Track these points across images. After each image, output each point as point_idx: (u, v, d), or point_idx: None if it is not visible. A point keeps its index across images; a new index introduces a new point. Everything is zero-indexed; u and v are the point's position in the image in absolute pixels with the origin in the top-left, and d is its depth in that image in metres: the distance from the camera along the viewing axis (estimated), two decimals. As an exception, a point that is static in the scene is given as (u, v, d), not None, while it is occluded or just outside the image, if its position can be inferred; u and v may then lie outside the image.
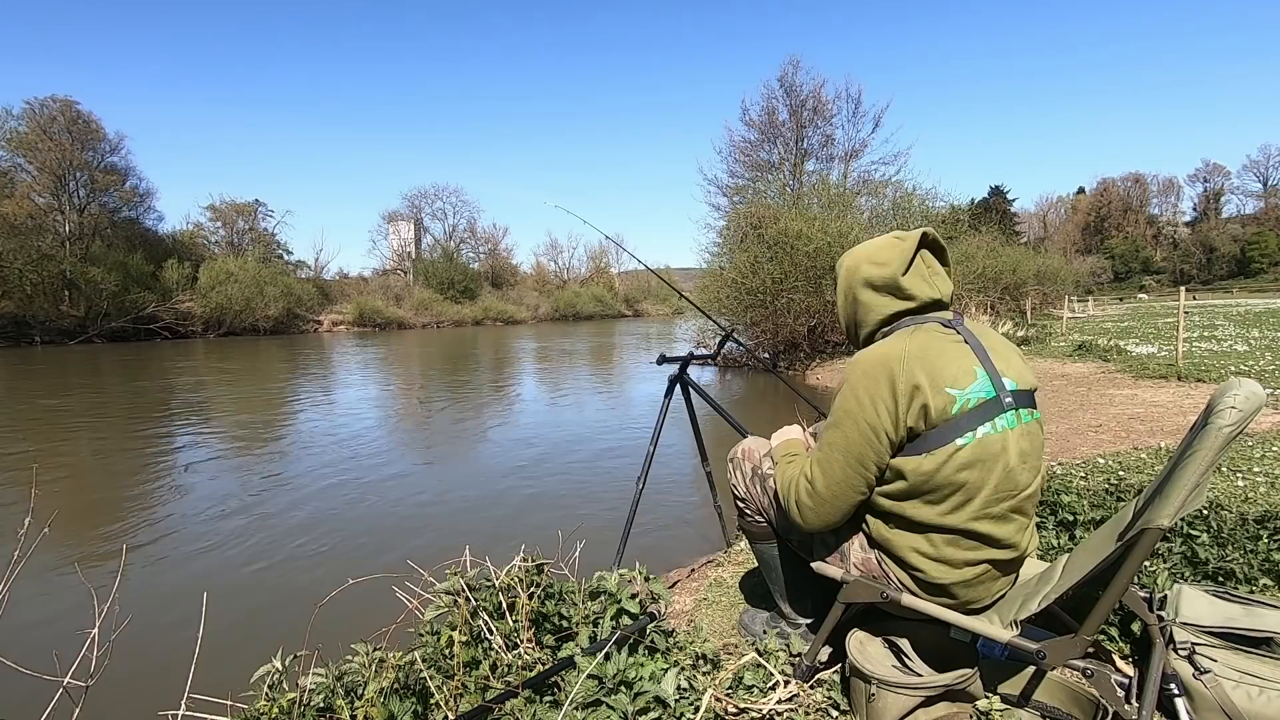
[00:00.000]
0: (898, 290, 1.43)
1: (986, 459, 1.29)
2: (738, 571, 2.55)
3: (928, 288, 1.43)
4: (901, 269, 1.42)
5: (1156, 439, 4.54)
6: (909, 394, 1.29)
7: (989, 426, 1.30)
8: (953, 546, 1.35)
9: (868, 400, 1.32)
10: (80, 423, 8.64)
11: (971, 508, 1.31)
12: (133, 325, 31.20)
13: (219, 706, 1.30)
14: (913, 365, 1.30)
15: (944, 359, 1.32)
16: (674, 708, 1.26)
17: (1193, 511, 1.85)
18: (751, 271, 13.57)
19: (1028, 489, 1.35)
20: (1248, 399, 1.07)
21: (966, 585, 1.38)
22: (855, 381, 1.35)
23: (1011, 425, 1.32)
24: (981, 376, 1.32)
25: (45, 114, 33.56)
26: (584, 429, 7.87)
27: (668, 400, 2.76)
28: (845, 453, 1.35)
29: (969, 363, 1.33)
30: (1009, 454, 1.31)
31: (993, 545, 1.35)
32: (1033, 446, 1.36)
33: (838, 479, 1.37)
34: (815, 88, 25.72)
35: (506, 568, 1.65)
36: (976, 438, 1.29)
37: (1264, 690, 1.32)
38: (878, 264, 1.45)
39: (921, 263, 1.45)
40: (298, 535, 4.32)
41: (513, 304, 53.81)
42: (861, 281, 1.47)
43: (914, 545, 1.38)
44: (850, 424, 1.34)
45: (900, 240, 1.46)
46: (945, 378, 1.30)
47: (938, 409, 1.28)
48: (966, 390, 1.30)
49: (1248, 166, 76.59)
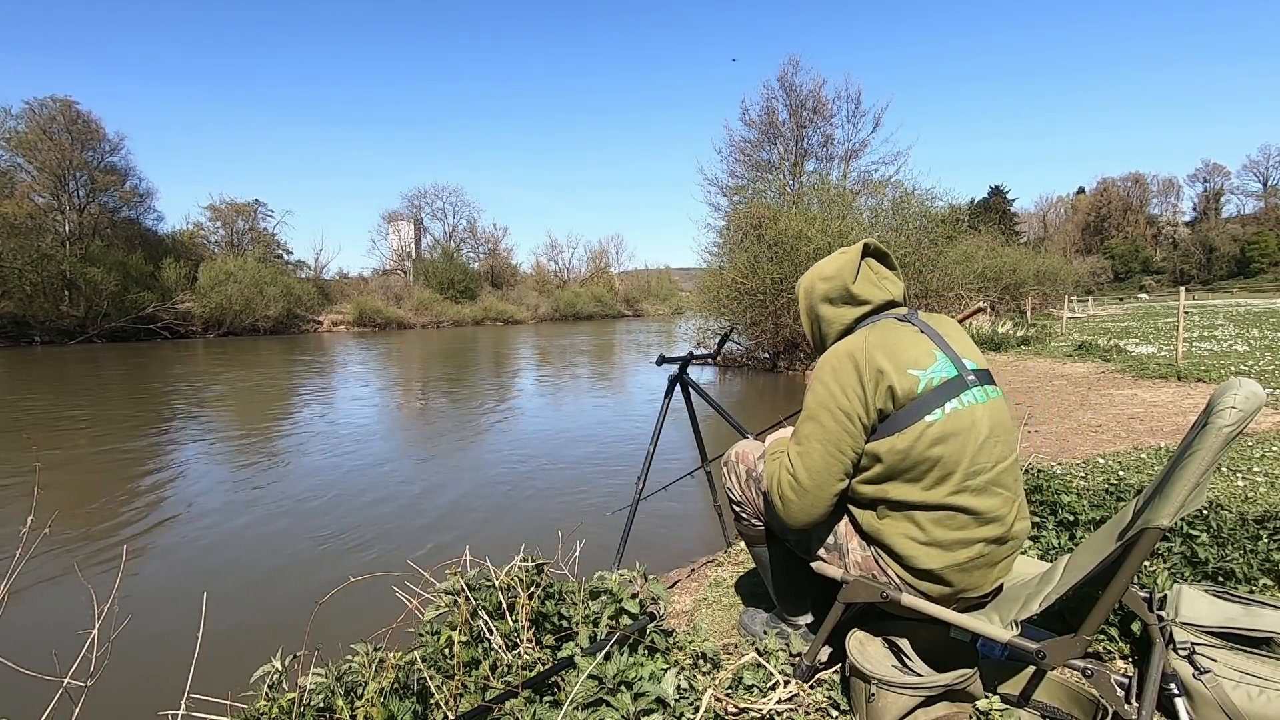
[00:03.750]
0: (851, 298, 1.53)
1: (958, 432, 1.35)
2: (738, 571, 2.55)
3: (878, 291, 1.54)
4: (850, 277, 1.53)
5: (1156, 439, 4.54)
6: (874, 379, 1.36)
7: (956, 402, 1.37)
8: (941, 527, 1.37)
9: (837, 389, 1.40)
10: (80, 423, 8.64)
11: (951, 482, 1.35)
12: (132, 325, 31.19)
13: (219, 706, 1.30)
14: (874, 352, 1.39)
15: (902, 345, 1.41)
16: (674, 708, 1.26)
17: (1193, 511, 1.85)
18: (751, 271, 13.55)
19: (1004, 461, 1.39)
20: (1248, 399, 1.07)
21: (962, 570, 1.38)
22: (824, 375, 1.44)
23: (979, 400, 1.39)
24: (941, 358, 1.41)
25: (45, 114, 33.53)
26: (584, 429, 7.87)
27: (667, 400, 2.76)
28: (822, 441, 1.41)
29: (927, 346, 1.42)
30: (979, 427, 1.37)
31: (980, 521, 1.37)
32: (1002, 420, 1.42)
33: (817, 468, 1.42)
34: (815, 87, 25.78)
35: (506, 568, 1.65)
36: (945, 413, 1.35)
37: (1264, 690, 1.32)
38: (827, 278, 1.57)
39: (868, 269, 1.55)
40: (298, 535, 4.32)
41: (513, 304, 53.79)
42: (820, 297, 1.58)
43: (905, 532, 1.40)
44: (824, 413, 1.41)
45: (844, 253, 1.58)
46: (906, 360, 1.38)
47: (904, 390, 1.35)
48: (928, 370, 1.38)
49: (1248, 166, 76.79)
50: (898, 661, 1.48)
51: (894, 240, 14.50)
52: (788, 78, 25.93)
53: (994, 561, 1.41)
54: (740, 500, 1.77)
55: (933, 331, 1.46)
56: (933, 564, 1.38)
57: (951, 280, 15.45)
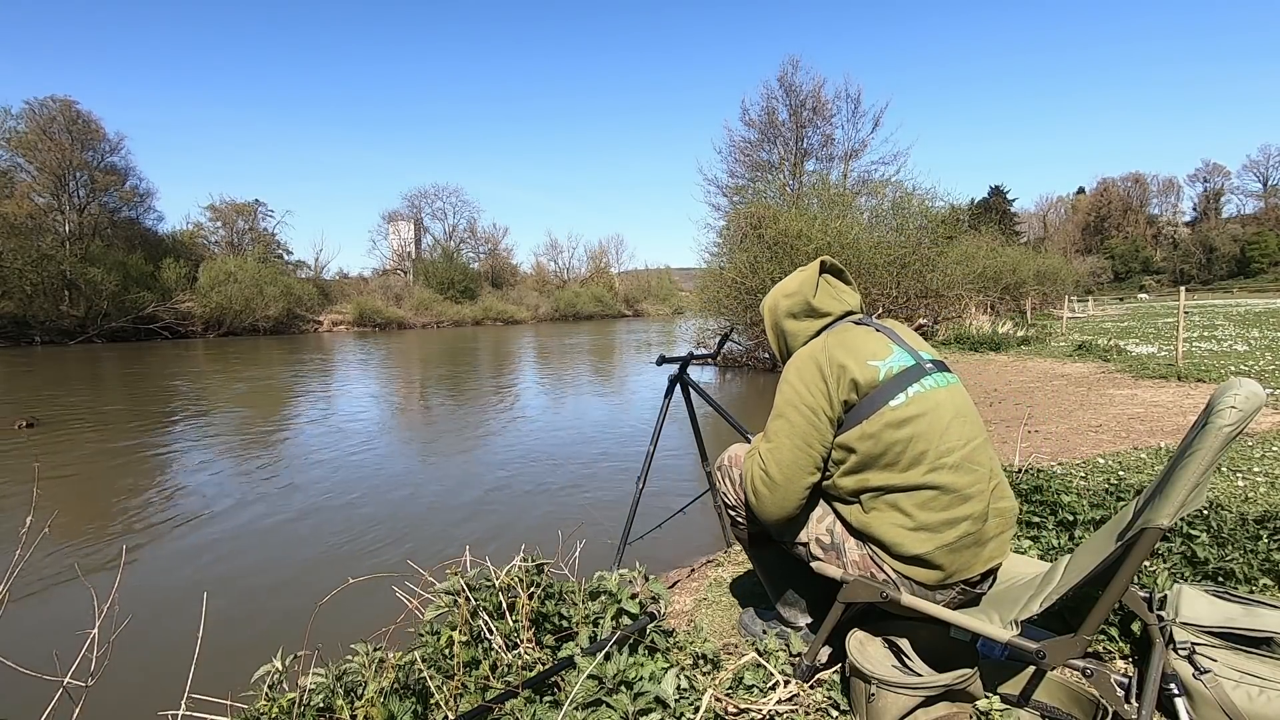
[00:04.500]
0: (813, 311, 1.63)
1: (924, 413, 1.41)
2: (738, 571, 2.55)
3: (836, 303, 1.65)
4: (811, 292, 1.63)
5: (1156, 439, 4.54)
6: (837, 374, 1.45)
7: (918, 386, 1.45)
8: (926, 510, 1.40)
9: (803, 388, 1.48)
10: (81, 422, 8.64)
11: (926, 461, 1.40)
12: (132, 325, 31.20)
13: (219, 706, 1.30)
14: (834, 350, 1.49)
15: (860, 340, 1.51)
16: (674, 708, 1.26)
17: (1193, 511, 1.85)
18: (751, 271, 13.54)
19: (975, 440, 1.45)
20: (1248, 399, 1.07)
21: (951, 551, 1.40)
22: (790, 376, 1.53)
23: (940, 385, 1.47)
24: (898, 350, 1.51)
25: (45, 114, 33.56)
26: (584, 429, 7.87)
27: (667, 400, 2.76)
28: (790, 437, 1.48)
29: (884, 340, 1.53)
30: (943, 409, 1.43)
31: (961, 499, 1.40)
32: (965, 402, 1.50)
33: (787, 462, 1.48)
34: (815, 88, 25.79)
35: (506, 568, 1.65)
36: (909, 396, 1.43)
37: (1264, 690, 1.32)
38: (789, 294, 1.67)
39: (826, 284, 1.66)
40: (298, 535, 4.32)
41: (513, 304, 53.81)
42: (784, 313, 1.68)
43: (892, 520, 1.43)
44: (792, 410, 1.49)
45: (803, 271, 1.69)
46: (865, 353, 1.48)
47: (865, 380, 1.44)
48: (887, 360, 1.47)
49: (1248, 166, 76.81)
50: (898, 661, 1.48)
51: (894, 240, 14.51)
52: (787, 78, 25.96)
53: (981, 541, 1.43)
54: (734, 504, 1.78)
55: (888, 330, 1.58)
56: (922, 548, 1.40)
57: (951, 280, 15.45)
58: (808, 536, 1.59)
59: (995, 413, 6.42)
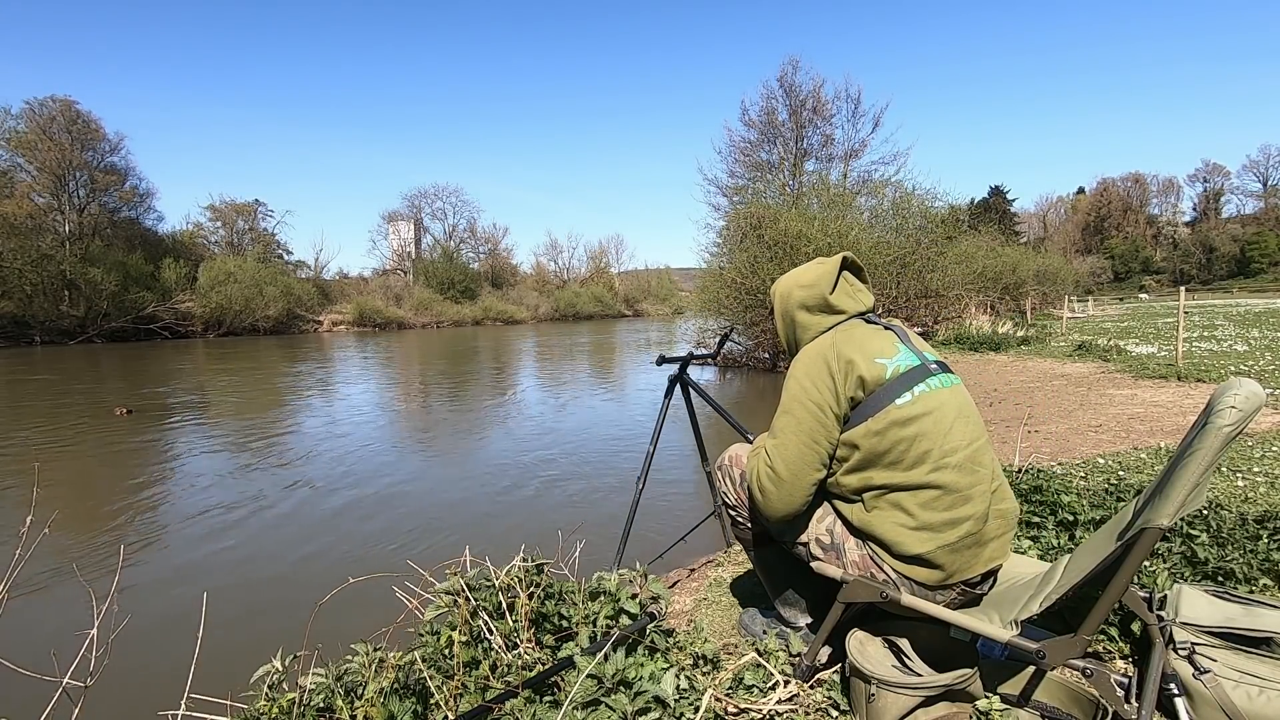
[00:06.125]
0: (828, 307, 1.61)
1: (928, 413, 1.42)
2: (738, 571, 2.55)
3: (853, 302, 1.62)
4: (829, 288, 1.60)
5: (1156, 439, 4.54)
6: (844, 370, 1.45)
7: (923, 385, 1.45)
8: (928, 510, 1.40)
9: (810, 384, 1.48)
10: (81, 422, 8.64)
11: (930, 460, 1.40)
12: (132, 325, 31.22)
13: (219, 706, 1.29)
14: (842, 347, 1.48)
15: (868, 339, 1.51)
16: (674, 708, 1.26)
17: (1193, 511, 1.85)
18: (751, 271, 13.54)
19: (978, 440, 1.45)
20: (1248, 399, 1.07)
21: (952, 551, 1.40)
22: (797, 373, 1.53)
23: (944, 385, 1.48)
24: (904, 349, 1.51)
25: (45, 114, 33.58)
26: (583, 429, 7.87)
27: (667, 400, 2.76)
28: (797, 433, 1.47)
29: (891, 339, 1.53)
30: (947, 409, 1.44)
31: (963, 499, 1.39)
32: (967, 403, 1.51)
33: (794, 458, 1.47)
34: (815, 88, 25.82)
35: (506, 568, 1.65)
36: (914, 395, 1.43)
37: (1264, 690, 1.32)
38: (805, 285, 1.64)
39: (845, 282, 1.64)
40: (298, 535, 4.32)
41: (513, 304, 53.81)
42: (796, 304, 1.65)
43: (894, 520, 1.43)
44: (798, 407, 1.48)
45: (823, 263, 1.66)
46: (872, 351, 1.47)
47: (872, 377, 1.44)
48: (894, 359, 1.47)
49: (1248, 166, 76.77)
50: (898, 661, 1.48)
51: (894, 240, 14.52)
52: (787, 78, 25.99)
53: (982, 541, 1.43)
54: (735, 504, 1.77)
55: (895, 328, 1.58)
56: (923, 548, 1.40)
57: (951, 280, 15.45)
58: (808, 536, 1.59)
59: (995, 413, 6.42)
